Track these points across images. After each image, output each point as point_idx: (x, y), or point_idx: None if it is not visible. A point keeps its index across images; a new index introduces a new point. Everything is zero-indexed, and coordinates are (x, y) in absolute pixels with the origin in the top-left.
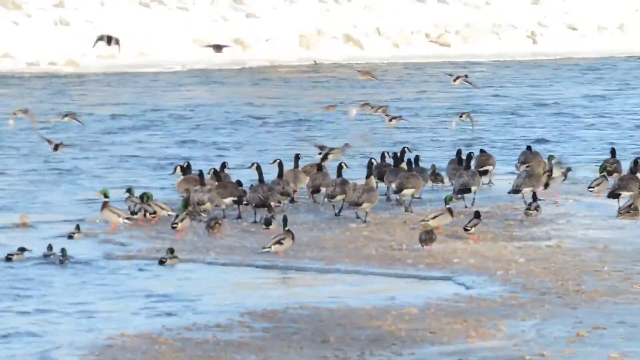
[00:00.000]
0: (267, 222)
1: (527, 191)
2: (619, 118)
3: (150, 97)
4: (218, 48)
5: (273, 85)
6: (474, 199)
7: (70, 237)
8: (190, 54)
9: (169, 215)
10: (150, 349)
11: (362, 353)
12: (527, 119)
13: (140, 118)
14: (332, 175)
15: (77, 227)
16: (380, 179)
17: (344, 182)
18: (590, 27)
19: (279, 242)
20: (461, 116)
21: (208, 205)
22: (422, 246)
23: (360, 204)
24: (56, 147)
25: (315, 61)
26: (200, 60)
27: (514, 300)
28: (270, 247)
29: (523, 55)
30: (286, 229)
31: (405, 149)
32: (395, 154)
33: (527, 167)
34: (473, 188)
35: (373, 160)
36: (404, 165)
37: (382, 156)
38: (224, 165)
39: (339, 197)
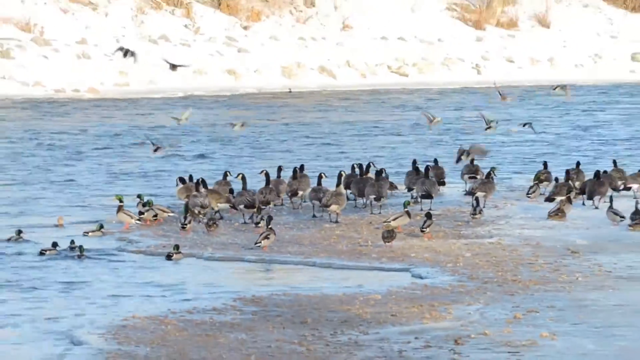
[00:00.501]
0: (257, 222)
1: (480, 195)
2: (547, 136)
3: (154, 118)
4: (174, 67)
5: (260, 109)
6: (431, 202)
7: (85, 234)
8: (191, 82)
9: (169, 216)
10: (157, 328)
11: (335, 332)
12: (473, 136)
13: (142, 135)
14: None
15: (101, 226)
16: (347, 187)
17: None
18: (525, 60)
19: (266, 237)
20: (555, 89)
21: (206, 207)
22: (385, 243)
23: (329, 206)
24: (157, 149)
25: (290, 89)
26: (200, 88)
27: (462, 288)
28: (260, 242)
29: (469, 83)
30: (269, 227)
31: (371, 164)
32: (361, 165)
33: (470, 177)
34: (433, 195)
35: (342, 172)
36: (371, 175)
37: (352, 168)
38: (225, 175)
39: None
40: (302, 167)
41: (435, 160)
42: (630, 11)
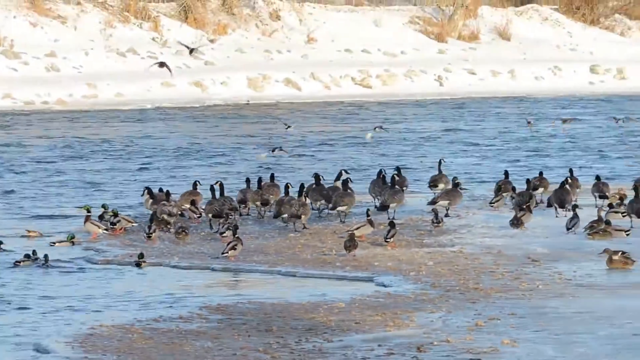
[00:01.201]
0: (222, 232)
1: (444, 204)
2: (506, 144)
3: (123, 129)
4: (191, 51)
5: (229, 120)
6: (394, 211)
7: (52, 244)
8: (159, 94)
9: (132, 226)
10: (124, 337)
11: (299, 340)
12: (434, 147)
13: (112, 146)
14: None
15: (72, 237)
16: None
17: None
18: (486, 72)
19: (233, 248)
20: (375, 129)
21: (173, 216)
22: (347, 252)
23: (300, 217)
24: (273, 150)
25: (248, 101)
26: (167, 100)
27: (424, 296)
28: (228, 252)
29: (432, 95)
30: (236, 236)
31: (342, 171)
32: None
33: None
34: (392, 205)
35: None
36: (338, 183)
37: (316, 177)
38: (272, 177)
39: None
40: (272, 177)
41: (398, 169)
42: (588, 24)
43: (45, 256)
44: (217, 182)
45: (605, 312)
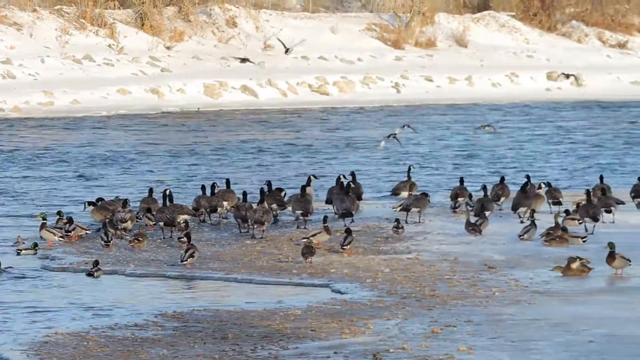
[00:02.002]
0: (180, 238)
1: (414, 210)
2: (464, 150)
3: (79, 136)
4: (287, 50)
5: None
6: (352, 220)
7: (18, 253)
8: (115, 101)
9: (86, 233)
10: (79, 344)
11: (255, 347)
12: (387, 152)
13: (66, 153)
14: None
15: (35, 245)
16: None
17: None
18: (443, 79)
19: (191, 255)
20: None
21: (129, 224)
22: (304, 259)
23: (263, 223)
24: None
25: (198, 108)
26: (122, 107)
27: (380, 303)
28: (187, 260)
29: (389, 102)
30: (191, 243)
31: (311, 177)
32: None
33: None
34: (354, 212)
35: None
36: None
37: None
38: (228, 182)
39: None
40: (227, 182)
41: (353, 175)
42: (545, 31)
43: None
44: (165, 190)
45: (561, 318)
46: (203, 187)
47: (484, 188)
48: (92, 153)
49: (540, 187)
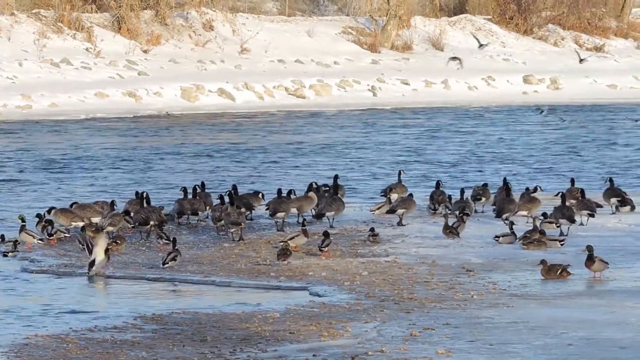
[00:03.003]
0: (168, 239)
1: (400, 212)
2: (438, 154)
3: (56, 139)
4: (455, 59)
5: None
6: (332, 220)
7: (5, 255)
8: (93, 104)
9: (65, 236)
10: (59, 346)
11: (234, 350)
12: (367, 155)
13: (44, 157)
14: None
15: (15, 245)
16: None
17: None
18: (420, 82)
19: (174, 259)
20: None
21: (110, 228)
22: (279, 261)
23: (240, 224)
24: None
25: (167, 112)
26: (100, 110)
27: (359, 306)
28: (168, 263)
29: (365, 105)
30: (175, 247)
31: (314, 183)
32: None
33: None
34: (329, 214)
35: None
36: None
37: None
38: (203, 185)
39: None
40: (202, 185)
41: (336, 177)
42: (522, 34)
43: None
44: (142, 193)
45: (539, 322)
46: (185, 190)
47: (462, 191)
48: (70, 156)
49: (535, 191)
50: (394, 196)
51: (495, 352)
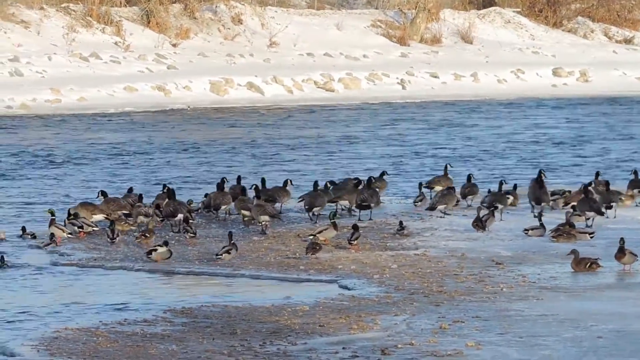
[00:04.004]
0: (194, 233)
1: (441, 208)
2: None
3: (86, 134)
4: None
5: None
6: (370, 212)
7: (46, 245)
8: (122, 98)
9: (93, 230)
10: (89, 340)
11: (264, 343)
12: (394, 149)
13: (74, 151)
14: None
15: (51, 236)
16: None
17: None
18: (449, 75)
19: (227, 252)
20: None
21: (142, 219)
22: (308, 254)
23: (274, 215)
24: None
25: (188, 106)
26: (129, 104)
27: (388, 299)
28: (222, 256)
29: (394, 98)
30: (232, 241)
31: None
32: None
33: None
34: (372, 205)
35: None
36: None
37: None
38: (239, 179)
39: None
40: (239, 179)
41: (383, 174)
42: (551, 27)
43: (1, 257)
44: (165, 187)
45: (569, 314)
46: (219, 184)
47: (501, 183)
48: (101, 150)
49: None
50: (438, 188)
51: (525, 344)
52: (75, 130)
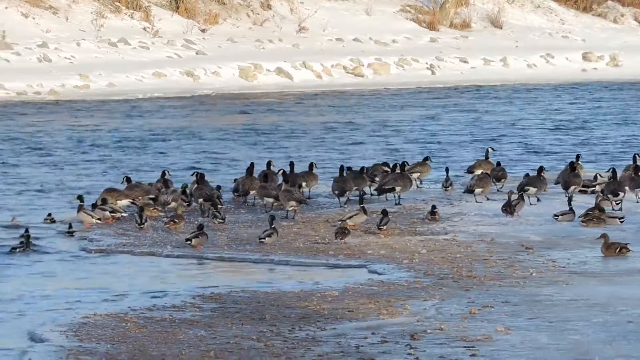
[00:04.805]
0: (223, 218)
1: (478, 192)
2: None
3: (116, 120)
4: None
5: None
6: (399, 196)
7: (70, 234)
8: (150, 84)
9: (122, 216)
10: (118, 325)
11: (293, 328)
12: (433, 130)
13: (107, 137)
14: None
15: (70, 226)
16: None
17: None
18: (478, 60)
19: (269, 235)
20: None
21: (173, 204)
22: (337, 239)
23: (301, 201)
24: None
25: (213, 92)
26: (158, 90)
27: (417, 284)
28: (265, 240)
29: (424, 83)
30: (272, 226)
31: (345, 168)
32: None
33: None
34: (397, 189)
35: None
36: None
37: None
38: (269, 164)
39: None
40: (269, 164)
41: (426, 159)
42: (581, 11)
43: (28, 239)
44: (195, 174)
45: (599, 299)
46: (249, 169)
47: (541, 169)
48: (134, 135)
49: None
50: (478, 172)
51: (555, 329)
52: (104, 116)
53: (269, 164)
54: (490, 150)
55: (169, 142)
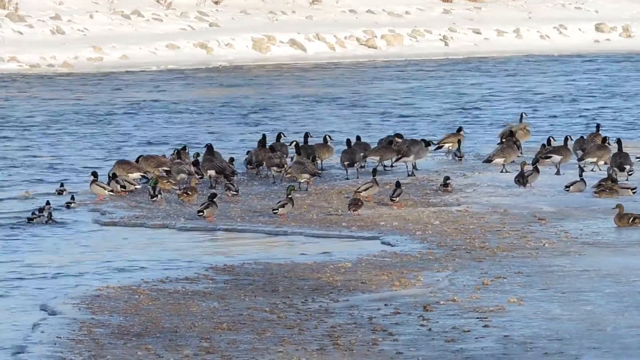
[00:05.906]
0: (236, 190)
1: (499, 161)
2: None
3: (129, 92)
4: None
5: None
6: (414, 165)
7: (68, 206)
8: (164, 56)
9: (135, 188)
10: (131, 298)
11: (306, 300)
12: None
13: (121, 109)
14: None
15: (72, 197)
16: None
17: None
18: (491, 31)
19: (282, 206)
20: None
21: (182, 176)
22: (350, 210)
23: (314, 174)
24: None
25: (220, 65)
26: (171, 62)
27: (430, 256)
28: (277, 210)
29: (437, 55)
30: (289, 196)
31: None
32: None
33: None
34: (411, 157)
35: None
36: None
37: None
38: (279, 136)
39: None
40: (279, 135)
41: (459, 129)
42: None
43: (50, 214)
44: (206, 146)
45: (611, 269)
46: (261, 140)
47: (566, 139)
48: (147, 106)
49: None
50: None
51: (567, 300)
52: (117, 88)
53: (279, 136)
54: (524, 115)
55: (183, 115)
